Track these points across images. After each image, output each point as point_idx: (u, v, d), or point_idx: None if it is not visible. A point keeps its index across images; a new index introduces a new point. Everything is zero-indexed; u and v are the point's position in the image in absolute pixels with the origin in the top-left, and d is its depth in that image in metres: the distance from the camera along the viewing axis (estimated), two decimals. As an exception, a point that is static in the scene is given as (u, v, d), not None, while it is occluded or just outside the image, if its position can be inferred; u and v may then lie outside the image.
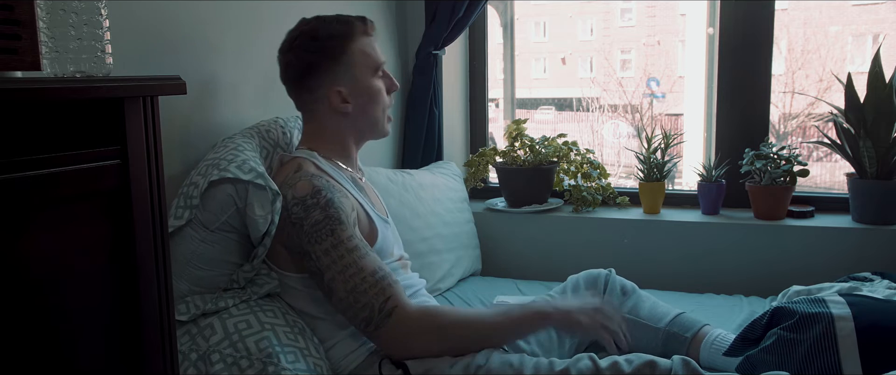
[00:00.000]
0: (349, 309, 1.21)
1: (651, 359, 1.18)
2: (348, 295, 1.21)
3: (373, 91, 1.42)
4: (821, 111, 2.88)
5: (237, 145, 1.34)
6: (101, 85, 0.78)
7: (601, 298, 1.50)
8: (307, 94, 1.40)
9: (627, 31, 4.50)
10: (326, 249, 1.22)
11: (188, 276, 1.25)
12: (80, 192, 0.78)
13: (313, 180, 1.28)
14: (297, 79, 1.40)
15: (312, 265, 1.23)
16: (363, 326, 1.22)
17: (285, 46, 1.41)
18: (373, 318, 1.20)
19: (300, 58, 1.38)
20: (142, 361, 0.86)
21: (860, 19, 3.38)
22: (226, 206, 1.25)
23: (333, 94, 1.39)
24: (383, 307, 1.20)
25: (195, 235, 1.25)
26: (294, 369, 1.16)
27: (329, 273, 1.21)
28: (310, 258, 1.23)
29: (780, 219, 1.97)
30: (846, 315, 1.23)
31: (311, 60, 1.37)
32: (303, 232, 1.23)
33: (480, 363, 1.22)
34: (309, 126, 1.44)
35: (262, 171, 1.26)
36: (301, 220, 1.24)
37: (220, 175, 1.23)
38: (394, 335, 1.20)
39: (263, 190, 1.24)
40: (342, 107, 1.39)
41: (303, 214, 1.24)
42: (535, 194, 2.19)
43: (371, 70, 1.42)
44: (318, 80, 1.38)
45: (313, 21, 1.40)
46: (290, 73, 1.41)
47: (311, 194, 1.25)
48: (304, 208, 1.24)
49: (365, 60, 1.40)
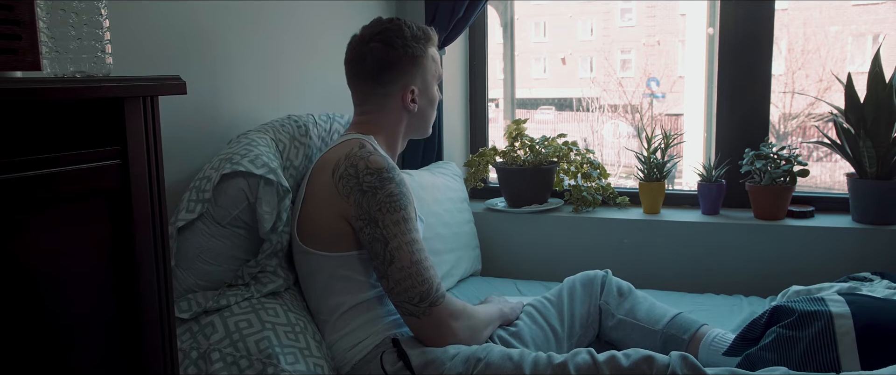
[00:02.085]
0: (408, 279, 1.24)
1: (649, 354, 1.18)
2: (412, 266, 1.25)
3: (435, 97, 1.52)
4: (821, 111, 2.88)
5: (251, 140, 1.35)
6: (101, 85, 0.78)
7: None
8: (379, 87, 1.44)
9: (627, 31, 4.50)
10: (397, 220, 1.26)
11: (196, 270, 1.25)
12: (80, 192, 0.78)
13: (387, 159, 1.33)
14: (375, 72, 1.43)
15: (377, 233, 1.26)
16: (418, 299, 1.25)
17: (364, 39, 1.44)
18: (430, 294, 1.25)
19: (383, 52, 1.41)
20: (142, 361, 0.86)
21: (860, 19, 3.38)
22: (238, 201, 1.26)
23: (407, 92, 1.45)
24: (440, 288, 1.27)
25: (205, 229, 1.26)
26: (293, 370, 1.17)
27: (395, 241, 1.25)
28: (375, 226, 1.26)
29: (780, 219, 1.97)
30: (845, 313, 1.23)
31: (394, 57, 1.42)
32: (375, 200, 1.26)
33: (480, 356, 1.23)
34: (367, 116, 1.47)
35: (274, 166, 1.27)
36: (375, 189, 1.27)
37: (232, 168, 1.24)
38: (442, 314, 1.27)
39: (273, 186, 1.24)
40: (411, 106, 1.46)
41: (378, 184, 1.27)
42: (535, 194, 2.19)
43: (436, 78, 1.52)
44: (395, 76, 1.43)
45: (396, 20, 1.46)
46: (369, 64, 1.43)
47: (387, 169, 1.29)
48: (380, 179, 1.28)
49: (435, 68, 1.51)
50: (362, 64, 1.44)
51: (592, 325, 1.55)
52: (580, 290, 1.57)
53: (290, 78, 1.76)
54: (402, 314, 1.29)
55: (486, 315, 1.40)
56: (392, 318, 1.34)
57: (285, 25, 1.70)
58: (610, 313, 1.55)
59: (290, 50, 1.75)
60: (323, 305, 1.34)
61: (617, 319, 1.53)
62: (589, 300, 1.56)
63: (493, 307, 1.46)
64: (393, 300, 1.28)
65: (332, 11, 1.58)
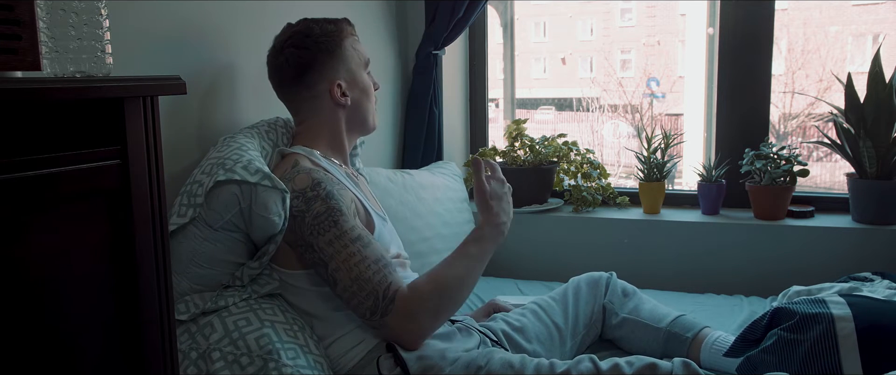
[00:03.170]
0: (354, 298, 1.22)
1: (652, 361, 1.18)
2: (353, 284, 1.22)
3: (367, 85, 1.48)
4: (821, 111, 2.88)
5: (241, 144, 1.33)
6: (101, 85, 0.78)
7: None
8: (306, 91, 1.42)
9: (627, 31, 4.51)
10: (329, 240, 1.23)
11: (190, 274, 1.25)
12: (80, 192, 0.78)
13: (311, 173, 1.29)
14: (296, 77, 1.41)
15: (315, 257, 1.24)
16: (369, 314, 1.22)
17: (277, 48, 1.43)
18: (379, 305, 1.21)
19: (297, 56, 1.39)
20: (142, 361, 0.86)
21: (860, 19, 3.38)
22: (230, 205, 1.25)
23: (334, 87, 1.42)
24: (386, 292, 1.22)
25: (198, 233, 1.25)
26: (295, 365, 1.16)
27: (333, 263, 1.22)
28: (312, 250, 1.24)
29: (780, 219, 1.97)
30: (846, 316, 1.23)
31: (309, 57, 1.39)
32: (304, 224, 1.24)
33: (481, 363, 1.23)
34: (305, 125, 1.45)
35: (267, 172, 1.27)
36: (302, 212, 1.25)
37: (227, 176, 1.23)
38: (399, 317, 1.22)
39: (273, 190, 1.24)
40: (342, 100, 1.43)
41: (304, 206, 1.25)
42: (535, 194, 2.19)
43: (362, 65, 1.48)
44: (317, 75, 1.41)
45: (301, 23, 1.44)
46: (287, 72, 1.41)
47: (311, 187, 1.26)
48: (305, 200, 1.25)
49: (356, 55, 1.46)
50: (282, 74, 1.42)
51: (596, 324, 1.56)
52: (585, 290, 1.58)
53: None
54: (369, 327, 1.28)
55: (454, 270, 1.28)
56: None
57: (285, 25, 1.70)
58: (614, 312, 1.55)
59: (290, 50, 1.74)
60: (305, 312, 1.33)
61: (620, 317, 1.53)
62: (593, 300, 1.57)
63: (462, 248, 1.33)
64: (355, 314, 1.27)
65: (332, 12, 1.58)
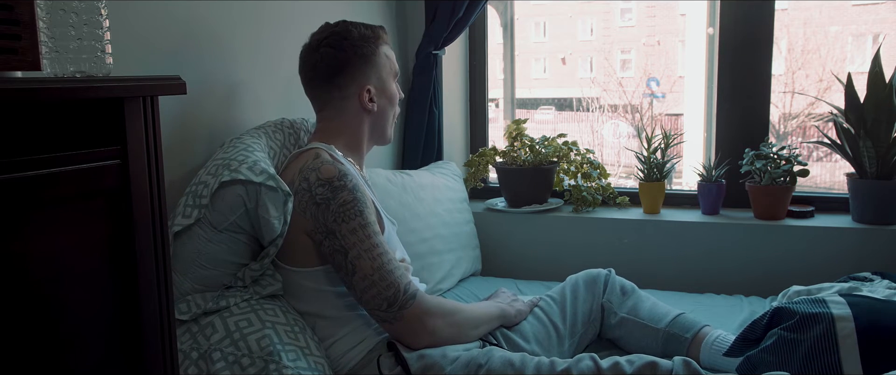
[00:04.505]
0: (372, 287, 1.23)
1: (652, 360, 1.18)
2: (375, 273, 1.23)
3: (394, 95, 1.50)
4: (821, 111, 2.88)
5: (247, 145, 1.34)
6: (101, 85, 0.78)
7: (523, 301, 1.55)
8: (337, 91, 1.43)
9: (627, 31, 4.51)
10: (354, 228, 1.24)
11: (192, 274, 1.25)
12: (79, 192, 0.78)
13: (337, 165, 1.31)
14: (328, 77, 1.42)
15: (336, 244, 1.25)
16: (386, 306, 1.23)
17: (313, 46, 1.44)
18: (398, 298, 1.23)
19: (332, 56, 1.41)
20: (142, 361, 0.86)
21: (860, 19, 3.38)
22: (235, 207, 1.25)
23: (364, 92, 1.43)
24: (408, 288, 1.25)
25: (202, 234, 1.25)
26: (295, 367, 1.16)
27: (355, 251, 1.24)
28: (333, 237, 1.25)
29: (780, 219, 1.97)
30: (847, 316, 1.23)
31: (344, 59, 1.41)
32: (329, 211, 1.25)
33: (481, 362, 1.23)
34: (328, 123, 1.46)
35: (272, 172, 1.27)
36: (328, 200, 1.26)
37: (231, 176, 1.24)
38: (414, 316, 1.25)
39: (276, 192, 1.24)
40: (369, 105, 1.44)
41: (329, 194, 1.26)
42: (535, 194, 2.19)
43: (392, 75, 1.50)
44: (349, 78, 1.42)
45: (341, 24, 1.45)
46: (321, 70, 1.42)
47: (338, 177, 1.28)
48: (332, 188, 1.26)
49: (389, 64, 1.48)
50: (315, 70, 1.43)
51: (594, 323, 1.55)
52: (583, 288, 1.57)
53: (290, 78, 1.75)
54: (376, 320, 1.28)
55: (478, 313, 1.37)
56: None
57: (285, 25, 1.70)
58: (612, 311, 1.54)
59: (291, 50, 1.75)
60: (308, 313, 1.34)
61: (619, 317, 1.53)
62: (592, 299, 1.56)
63: (492, 306, 1.44)
64: (364, 308, 1.27)
65: (333, 12, 1.58)
